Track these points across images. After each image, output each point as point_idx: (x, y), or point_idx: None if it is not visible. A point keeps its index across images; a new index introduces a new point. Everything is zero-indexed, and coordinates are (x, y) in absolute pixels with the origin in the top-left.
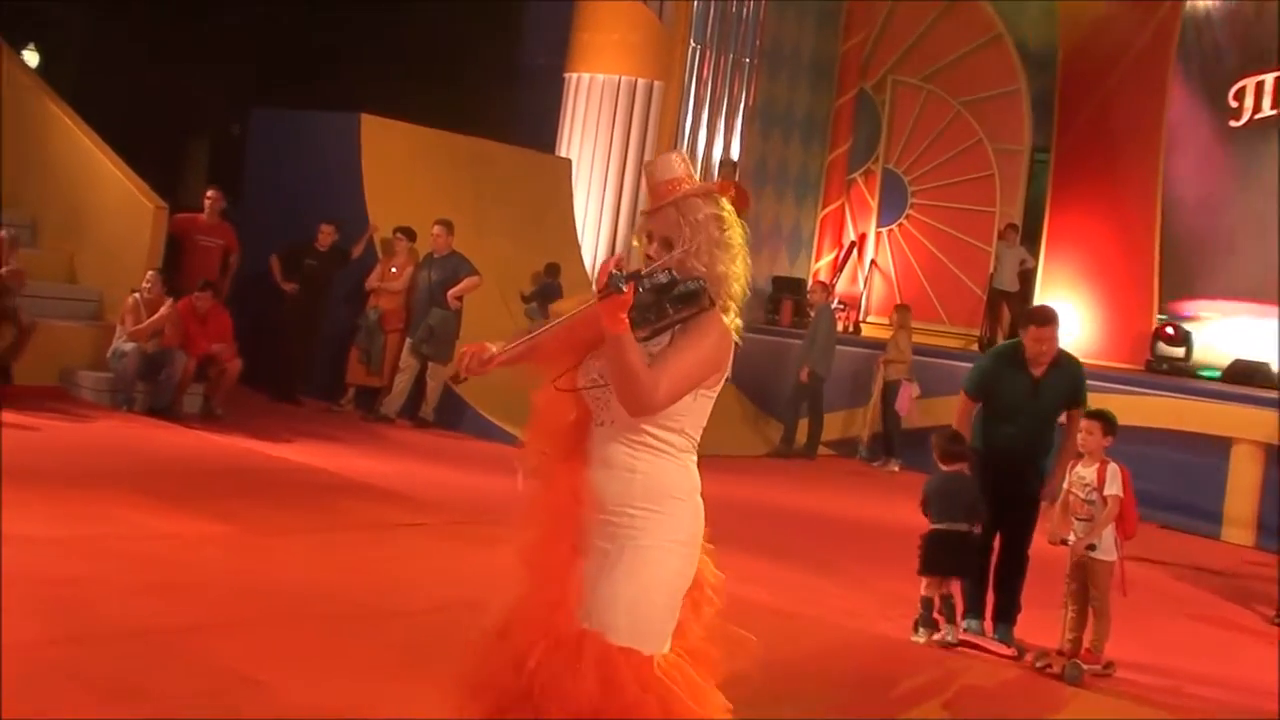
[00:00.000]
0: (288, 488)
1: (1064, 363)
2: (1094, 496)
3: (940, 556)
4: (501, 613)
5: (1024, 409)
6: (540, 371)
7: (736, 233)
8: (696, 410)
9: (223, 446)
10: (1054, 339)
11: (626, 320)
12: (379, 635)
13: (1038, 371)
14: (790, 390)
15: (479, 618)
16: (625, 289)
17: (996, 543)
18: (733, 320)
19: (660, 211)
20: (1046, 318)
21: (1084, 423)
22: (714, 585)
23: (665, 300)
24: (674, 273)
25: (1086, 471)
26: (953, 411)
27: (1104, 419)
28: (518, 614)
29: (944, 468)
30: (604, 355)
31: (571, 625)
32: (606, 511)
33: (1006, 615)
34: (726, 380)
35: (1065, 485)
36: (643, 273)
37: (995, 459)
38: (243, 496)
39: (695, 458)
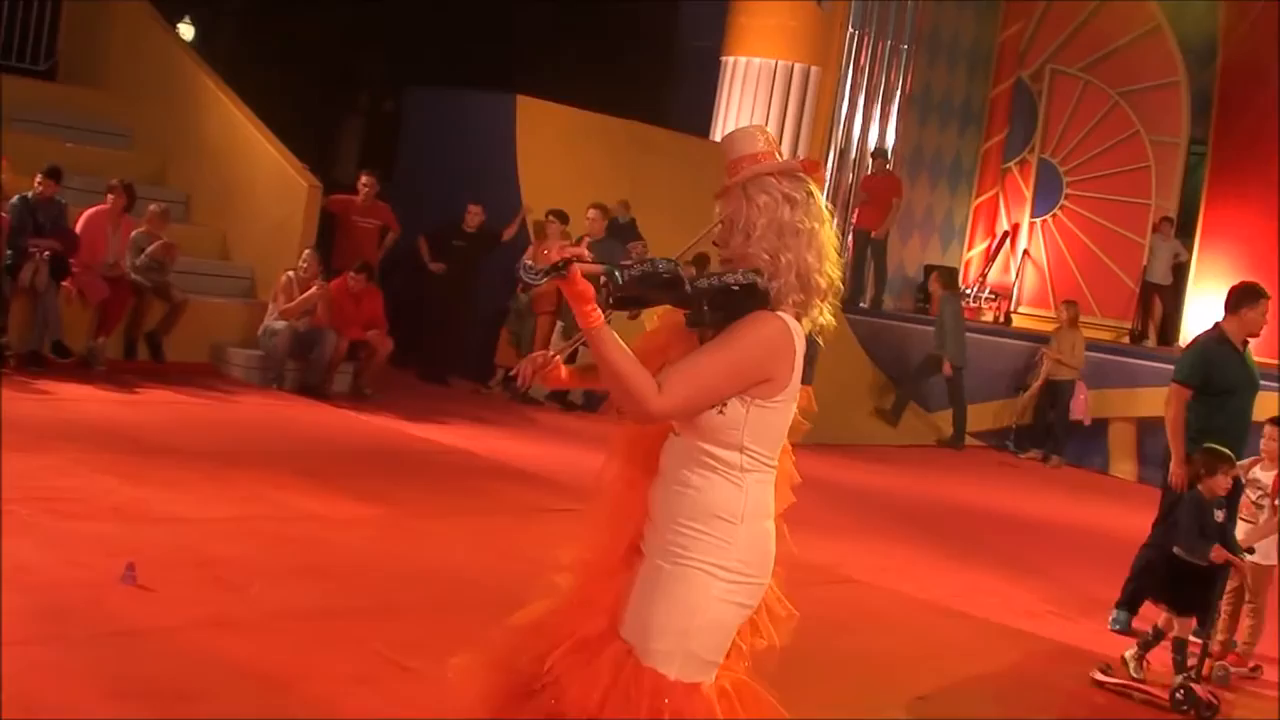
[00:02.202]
0: (437, 470)
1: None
2: (1264, 501)
3: (1184, 590)
4: (541, 606)
5: (1240, 388)
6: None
7: (814, 217)
8: (756, 424)
9: (372, 427)
10: None
11: (598, 314)
12: None
13: (1242, 350)
14: (914, 372)
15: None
16: (537, 279)
17: None
18: (815, 317)
19: (728, 191)
20: (1266, 293)
21: (1267, 428)
22: (778, 619)
23: (703, 294)
24: (658, 262)
25: (1264, 475)
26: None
27: None
28: (556, 610)
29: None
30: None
31: (601, 631)
32: (658, 525)
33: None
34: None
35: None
36: (629, 266)
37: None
38: (392, 478)
39: (765, 477)
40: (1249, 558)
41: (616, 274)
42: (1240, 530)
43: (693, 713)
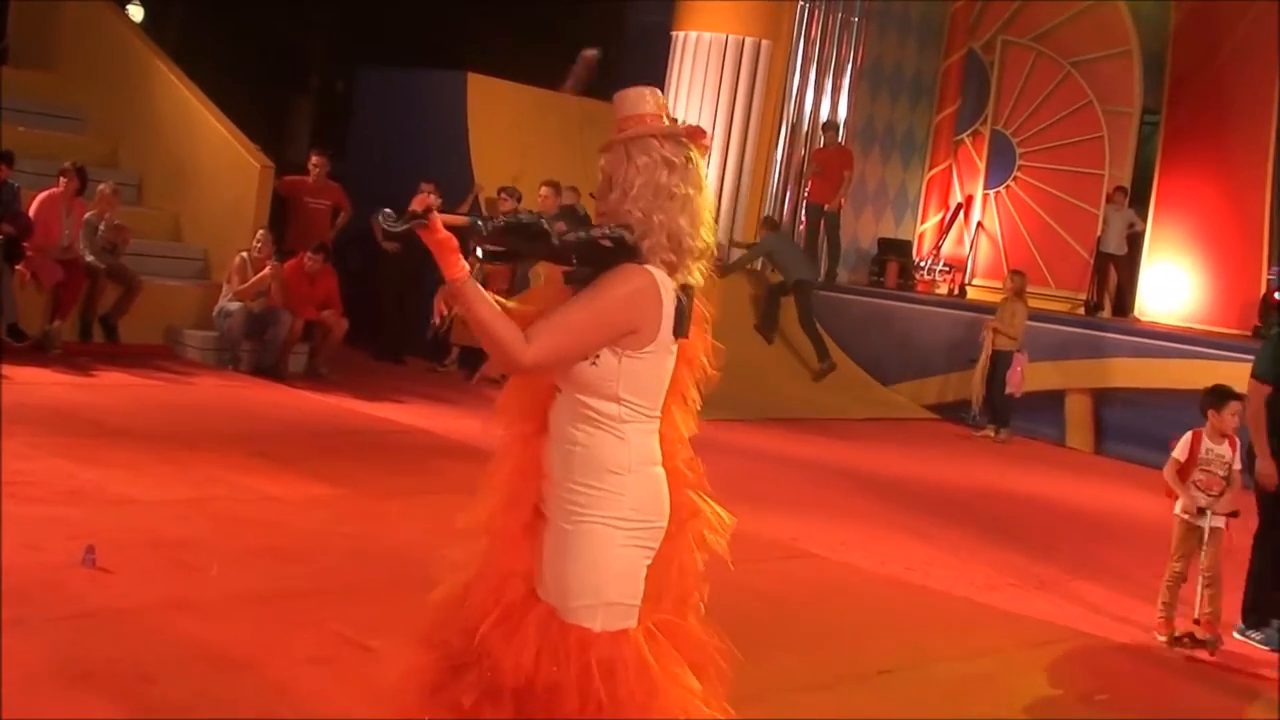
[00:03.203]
0: (393, 449)
1: None
2: (1229, 472)
3: None
4: (458, 579)
5: None
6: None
7: (691, 183)
8: (629, 375)
9: (328, 407)
10: None
11: (463, 265)
12: None
13: None
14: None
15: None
16: (424, 223)
17: None
18: (685, 277)
19: (612, 148)
20: None
21: (1234, 404)
22: (697, 560)
23: (570, 247)
24: (521, 214)
25: (1223, 449)
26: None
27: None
28: (476, 581)
29: None
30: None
31: (523, 594)
32: (556, 484)
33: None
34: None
35: (1178, 459)
36: (497, 216)
37: None
38: (348, 458)
39: (647, 427)
40: (1209, 526)
41: (480, 225)
42: (1202, 501)
43: (623, 660)
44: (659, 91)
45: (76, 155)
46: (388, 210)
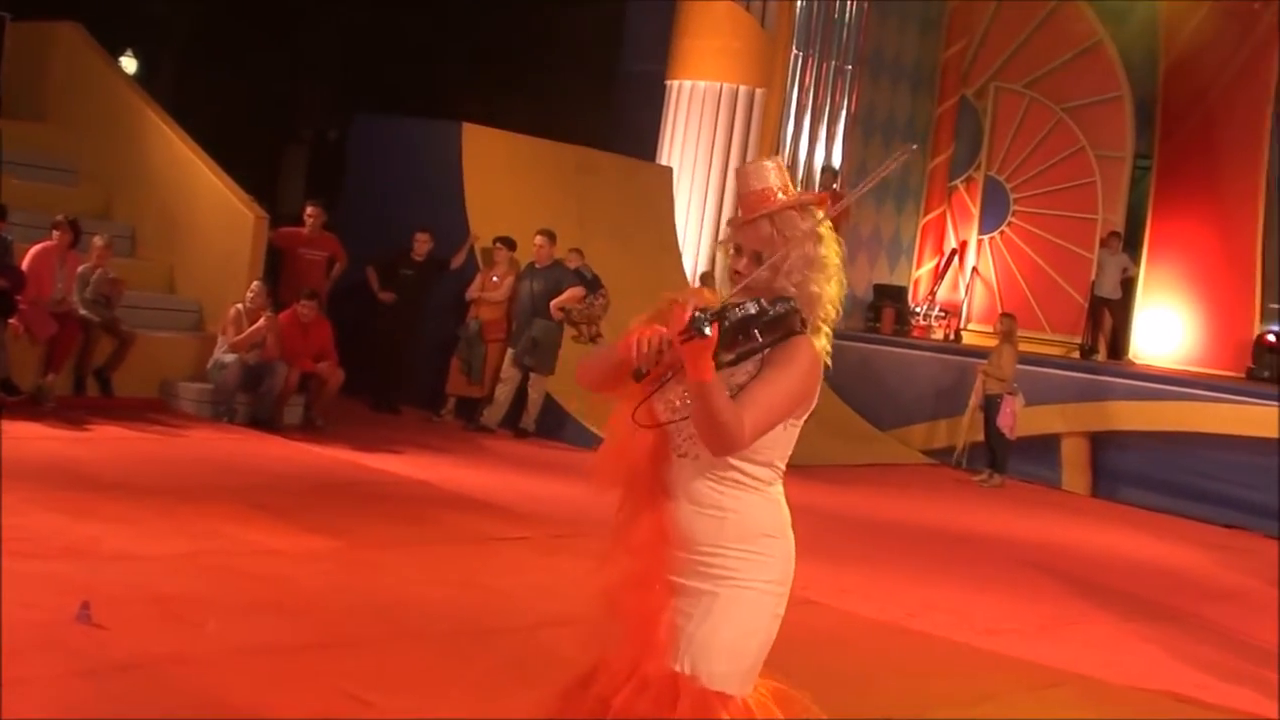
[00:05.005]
0: (389, 501)
1: None
2: None
3: None
4: (588, 659)
5: None
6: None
7: (833, 250)
8: (784, 441)
9: (324, 459)
10: None
11: (712, 366)
12: (484, 653)
13: None
14: None
15: (574, 648)
16: (710, 331)
17: None
18: (823, 344)
19: (753, 224)
20: None
21: None
22: None
23: (753, 325)
24: (762, 302)
25: None
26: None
27: None
28: (605, 658)
29: None
30: (690, 393)
31: (661, 669)
32: (698, 551)
33: None
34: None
35: None
36: (729, 307)
37: None
38: (345, 510)
39: (782, 488)
40: None
41: (701, 321)
42: None
43: None
44: (779, 160)
45: (69, 208)
46: (698, 313)
